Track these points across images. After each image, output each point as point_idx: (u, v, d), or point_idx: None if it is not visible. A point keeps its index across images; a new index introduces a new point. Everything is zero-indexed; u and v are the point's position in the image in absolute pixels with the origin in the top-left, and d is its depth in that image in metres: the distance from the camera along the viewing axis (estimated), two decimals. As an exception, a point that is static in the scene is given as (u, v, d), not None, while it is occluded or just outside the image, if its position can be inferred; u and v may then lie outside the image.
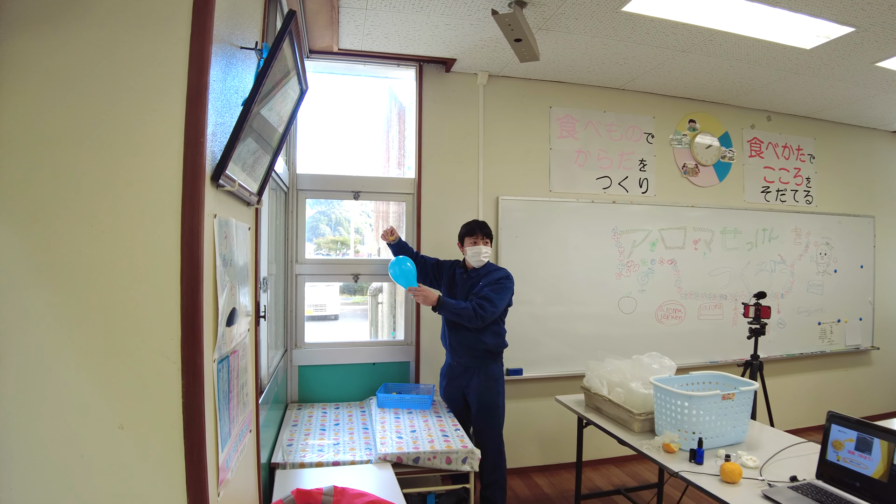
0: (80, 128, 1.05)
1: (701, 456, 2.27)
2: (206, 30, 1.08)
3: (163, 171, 1.08)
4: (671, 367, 2.84)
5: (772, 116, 4.64)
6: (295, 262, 3.48)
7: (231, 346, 1.39)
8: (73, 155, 1.04)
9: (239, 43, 1.41)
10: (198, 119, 1.07)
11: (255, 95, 1.19)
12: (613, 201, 4.05)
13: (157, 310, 1.09)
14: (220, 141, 1.23)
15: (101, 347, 1.07)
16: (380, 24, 3.02)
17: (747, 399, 2.48)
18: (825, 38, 3.16)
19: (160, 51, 1.08)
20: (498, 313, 3.09)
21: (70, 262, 1.05)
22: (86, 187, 1.05)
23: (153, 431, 1.10)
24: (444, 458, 2.65)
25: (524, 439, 3.87)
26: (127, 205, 1.07)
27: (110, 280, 1.07)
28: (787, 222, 4.64)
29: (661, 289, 4.17)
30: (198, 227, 1.09)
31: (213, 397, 1.23)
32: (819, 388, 4.85)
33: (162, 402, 1.10)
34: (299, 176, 3.50)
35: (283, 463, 2.54)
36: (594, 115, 4.04)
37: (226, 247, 1.30)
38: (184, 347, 1.09)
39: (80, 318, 1.06)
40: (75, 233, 1.05)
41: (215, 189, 1.22)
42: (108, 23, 1.06)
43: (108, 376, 1.08)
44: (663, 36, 3.15)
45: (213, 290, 1.22)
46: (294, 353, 3.48)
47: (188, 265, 1.08)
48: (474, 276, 3.19)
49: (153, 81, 1.08)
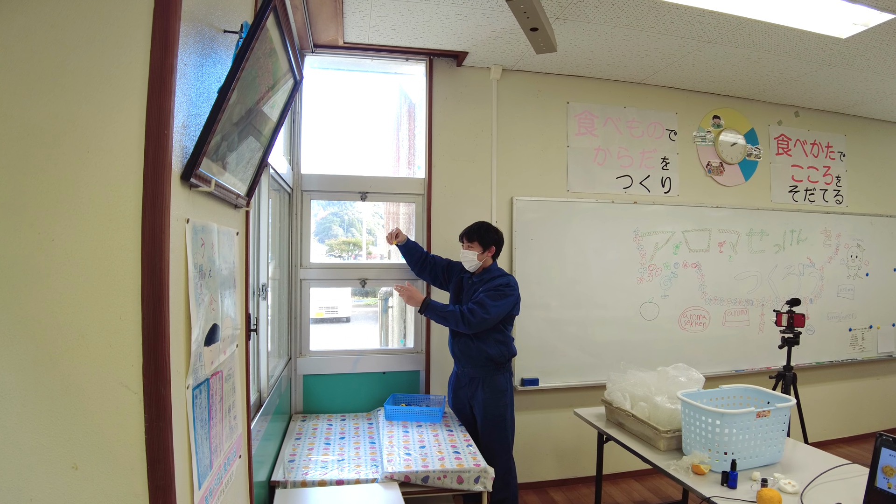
0: (21, 118, 0.88)
1: (734, 480, 2.08)
2: (171, 3, 0.92)
3: (120, 169, 0.91)
4: (699, 380, 2.64)
5: (800, 112, 4.41)
6: (300, 267, 3.33)
7: (212, 367, 1.23)
8: (12, 150, 0.88)
9: (222, 25, 1.24)
10: (161, 107, 0.91)
11: (233, 81, 1.02)
12: (634, 202, 3.85)
13: (116, 332, 0.93)
14: (194, 135, 1.07)
15: (50, 375, 0.91)
16: (387, 14, 2.85)
17: (783, 416, 2.29)
18: (863, 25, 2.95)
19: (116, 28, 0.91)
20: (492, 320, 2.87)
21: (10, 275, 0.88)
22: (29, 187, 0.88)
23: (112, 472, 0.94)
24: (456, 478, 2.48)
25: (540, 453, 3.69)
26: (78, 208, 0.90)
27: (59, 296, 0.90)
28: (816, 223, 4.40)
29: (685, 294, 3.95)
30: (162, 233, 0.92)
31: (186, 429, 1.07)
32: (850, 398, 4.60)
33: (122, 438, 0.94)
34: (304, 176, 3.34)
35: (284, 481, 2.39)
36: (614, 111, 3.84)
37: (203, 255, 1.14)
38: (146, 375, 0.93)
39: (22, 339, 0.90)
40: (17, 241, 0.88)
41: (188, 190, 1.06)
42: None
43: (58, 408, 0.92)
44: (689, 25, 2.95)
45: (185, 305, 1.05)
46: (298, 362, 3.33)
47: (150, 278, 0.92)
48: (477, 281, 3.03)
49: (108, 64, 0.91)
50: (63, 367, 0.91)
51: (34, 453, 0.92)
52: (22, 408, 0.91)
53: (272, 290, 2.85)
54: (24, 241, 0.89)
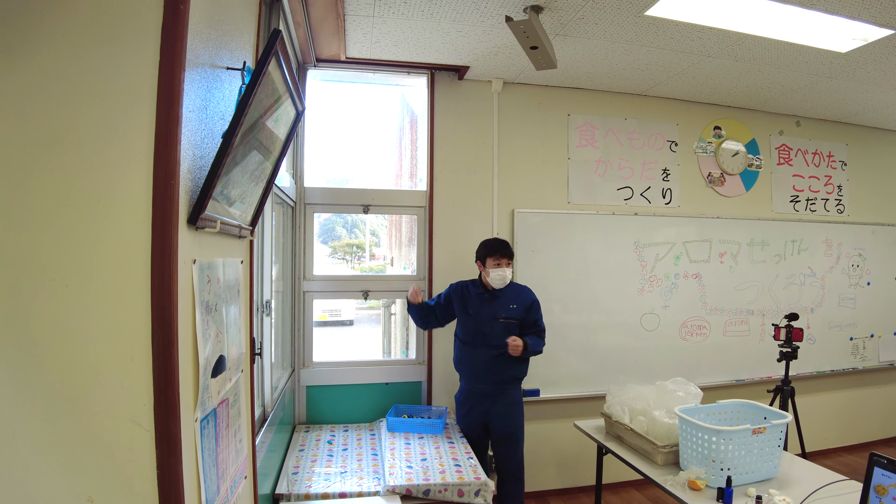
0: (34, 171, 0.92)
1: (729, 496, 2.11)
2: (177, 54, 0.96)
3: (130, 217, 0.95)
4: (697, 394, 2.67)
5: (801, 122, 4.42)
6: (303, 279, 3.37)
7: (219, 397, 1.27)
8: (27, 201, 0.92)
9: (225, 63, 1.28)
10: (168, 159, 0.95)
11: (236, 127, 1.06)
12: (635, 213, 3.88)
13: (127, 372, 0.97)
14: (199, 178, 1.10)
15: (65, 412, 0.95)
16: (388, 31, 2.89)
17: (780, 432, 2.31)
18: (862, 40, 2.97)
19: (123, 80, 0.95)
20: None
21: (27, 319, 0.93)
22: (44, 236, 0.92)
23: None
24: (456, 491, 2.51)
25: (541, 462, 3.72)
26: (90, 255, 0.94)
27: (73, 339, 0.95)
28: (817, 233, 4.42)
29: (686, 304, 3.98)
30: (170, 278, 0.96)
31: (195, 461, 1.11)
32: (851, 407, 4.61)
33: (135, 473, 0.98)
34: (307, 189, 3.38)
35: (288, 494, 2.43)
36: (615, 123, 3.87)
37: (209, 292, 1.17)
38: (157, 413, 0.97)
39: (40, 379, 0.94)
40: (33, 287, 0.92)
41: (194, 232, 1.10)
42: (63, 46, 0.92)
43: (74, 445, 0.96)
44: (688, 41, 2.97)
45: (193, 342, 1.09)
46: (301, 373, 3.37)
47: (159, 321, 0.96)
48: (499, 295, 3.04)
49: (117, 115, 0.95)
50: (78, 405, 0.96)
51: (50, 486, 0.96)
52: (39, 444, 0.95)
53: (275, 301, 2.89)
54: (38, 287, 0.93)
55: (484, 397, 3.03)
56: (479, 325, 3.01)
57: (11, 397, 0.93)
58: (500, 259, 2.98)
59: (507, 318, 3.01)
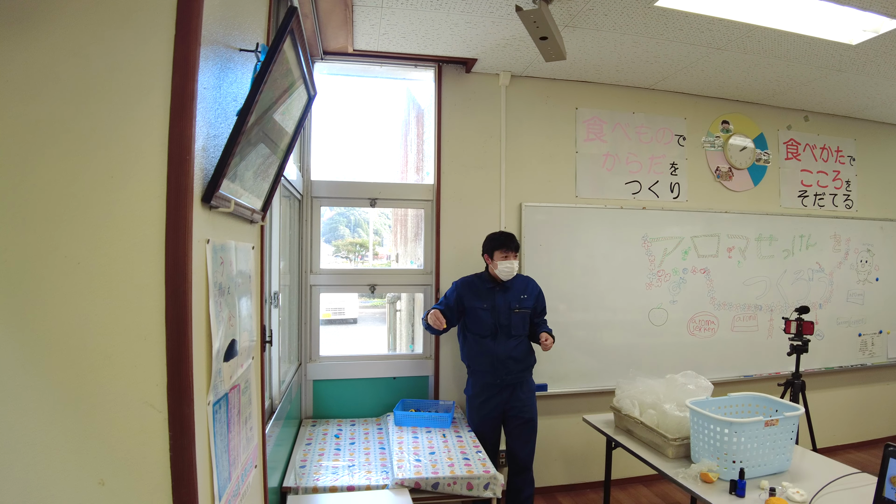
0: (47, 146, 0.91)
1: (742, 488, 2.08)
2: (192, 30, 0.94)
3: (144, 194, 0.94)
4: (708, 387, 2.65)
5: (809, 116, 4.39)
6: (309, 273, 3.36)
7: (231, 381, 1.25)
8: (40, 178, 0.90)
9: (237, 44, 1.27)
10: (183, 133, 0.93)
11: (251, 105, 1.04)
12: (643, 207, 3.85)
13: (140, 352, 0.95)
14: (213, 156, 1.09)
15: (77, 393, 0.94)
16: (396, 22, 2.87)
17: (792, 425, 2.29)
18: (873, 32, 2.94)
19: (139, 56, 0.93)
20: None
21: (39, 297, 0.91)
22: (56, 213, 0.91)
23: (138, 488, 0.97)
24: (465, 484, 2.50)
25: (549, 458, 3.69)
26: (103, 233, 0.93)
27: (85, 318, 0.93)
28: (825, 228, 4.38)
29: (694, 299, 3.95)
30: (184, 256, 0.94)
31: (207, 444, 1.10)
32: (860, 404, 4.58)
33: (147, 455, 0.97)
34: (314, 183, 3.37)
35: (296, 487, 2.42)
36: (623, 117, 3.85)
37: (222, 274, 1.16)
38: (170, 395, 0.96)
39: (51, 359, 0.92)
40: (44, 265, 0.91)
41: (208, 211, 1.08)
42: (77, 23, 0.91)
43: (86, 426, 0.94)
44: (698, 32, 2.95)
45: (206, 324, 1.08)
46: (308, 367, 3.36)
47: (173, 301, 0.94)
48: (510, 286, 3.07)
49: (132, 91, 0.93)
50: (90, 387, 0.94)
51: (62, 469, 0.94)
52: (50, 425, 0.93)
53: (282, 295, 2.87)
54: (50, 264, 0.92)
55: (504, 387, 3.03)
56: (496, 318, 3.02)
57: (23, 378, 0.92)
58: (508, 252, 3.00)
59: (522, 309, 3.06)
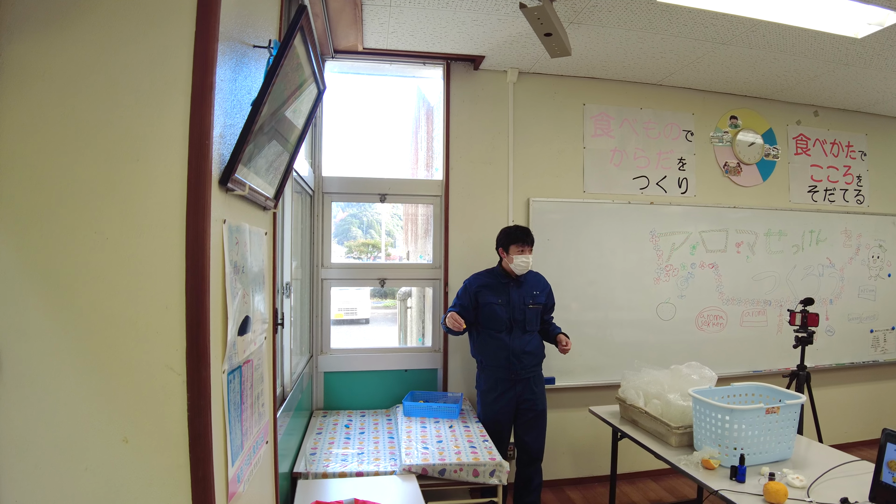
0: (81, 131, 1.00)
1: (743, 474, 2.12)
2: (211, 27, 1.03)
3: (166, 176, 1.03)
4: (712, 378, 2.68)
5: (819, 111, 4.38)
6: (321, 267, 3.45)
7: (244, 355, 1.33)
8: (73, 160, 1.00)
9: (251, 41, 1.35)
10: (202, 120, 1.02)
11: (265, 95, 1.12)
12: (651, 202, 3.89)
13: (162, 320, 1.04)
14: (230, 143, 1.17)
15: (104, 357, 1.03)
16: (405, 21, 2.96)
17: (793, 413, 2.32)
18: (878, 25, 2.95)
19: (163, 50, 1.03)
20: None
21: (71, 270, 1.01)
22: (87, 193, 1.01)
23: (158, 445, 1.05)
24: (472, 471, 2.56)
25: (557, 451, 3.74)
26: (129, 211, 1.02)
27: (113, 289, 1.02)
28: (836, 224, 4.38)
29: (702, 294, 3.98)
30: (203, 233, 1.03)
31: (222, 410, 1.18)
32: (871, 401, 4.55)
33: (167, 415, 1.05)
34: (325, 179, 3.46)
35: (306, 472, 2.50)
36: (630, 113, 3.89)
37: (237, 253, 1.24)
38: (189, 359, 1.04)
39: (83, 327, 1.02)
40: (76, 240, 1.00)
41: (224, 193, 1.17)
42: (108, 23, 1.01)
43: (112, 387, 1.04)
44: (703, 28, 2.99)
45: (222, 298, 1.16)
46: (319, 360, 3.45)
47: (193, 273, 1.03)
48: (523, 281, 3.12)
49: (156, 82, 1.03)
50: (115, 351, 1.03)
51: (89, 428, 1.03)
52: (78, 387, 1.03)
53: (294, 289, 2.96)
54: (81, 239, 1.01)
55: (517, 381, 3.07)
56: (511, 313, 3.06)
57: (56, 344, 1.01)
58: (524, 246, 3.04)
59: (535, 304, 3.12)
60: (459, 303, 3.11)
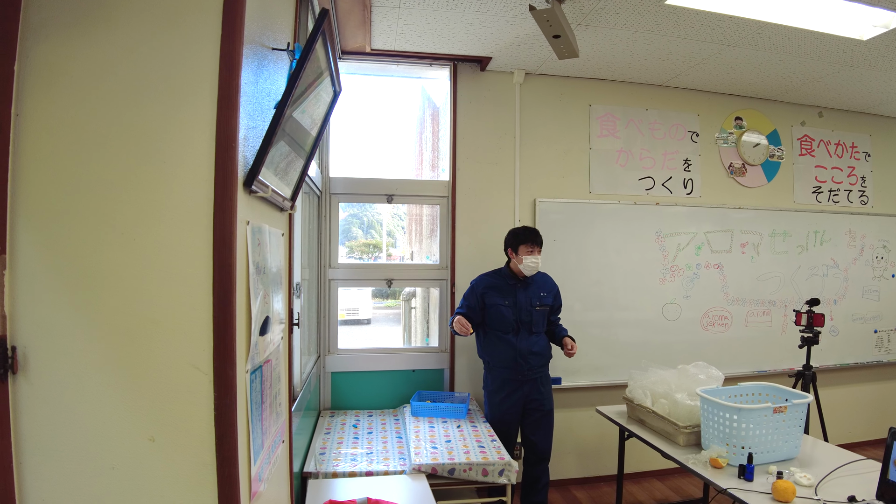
0: (110, 133, 1.02)
1: (751, 472, 2.13)
2: (236, 29, 1.04)
3: (193, 178, 1.04)
4: (718, 377, 2.70)
5: (823, 112, 4.40)
6: (328, 267, 3.46)
7: (264, 355, 1.35)
8: (101, 162, 1.02)
9: (270, 44, 1.36)
10: (229, 123, 1.03)
11: (288, 98, 1.14)
12: (657, 203, 3.90)
13: (189, 320, 1.05)
14: (253, 145, 1.19)
15: (131, 357, 1.04)
16: (413, 23, 2.97)
17: (800, 412, 2.33)
18: (883, 27, 2.97)
19: (189, 52, 1.04)
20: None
21: (99, 270, 1.02)
22: (114, 194, 1.02)
23: (184, 444, 1.07)
24: (481, 470, 2.58)
25: (563, 451, 3.74)
26: (156, 212, 1.03)
27: (140, 289, 1.03)
28: (840, 224, 4.39)
29: (707, 294, 3.99)
30: (230, 234, 1.04)
31: (245, 409, 1.19)
32: (876, 400, 4.56)
33: (193, 414, 1.07)
34: (332, 179, 3.48)
35: (316, 472, 2.51)
36: (636, 114, 3.90)
37: (259, 254, 1.25)
38: (216, 358, 1.05)
39: (109, 326, 1.03)
40: (104, 240, 1.02)
41: (248, 195, 1.18)
42: (134, 23, 1.02)
43: (138, 386, 1.05)
44: (709, 30, 3.00)
45: (246, 298, 1.18)
46: (327, 360, 3.46)
47: (220, 274, 1.04)
48: (531, 282, 3.13)
49: (182, 84, 1.04)
50: (142, 351, 1.04)
51: (116, 426, 1.05)
52: (105, 386, 1.04)
53: (303, 289, 2.97)
54: (108, 240, 1.03)
55: (525, 382, 3.08)
56: (518, 314, 3.06)
57: (81, 342, 1.02)
58: (533, 246, 3.05)
59: (542, 306, 3.13)
60: (466, 304, 3.13)
